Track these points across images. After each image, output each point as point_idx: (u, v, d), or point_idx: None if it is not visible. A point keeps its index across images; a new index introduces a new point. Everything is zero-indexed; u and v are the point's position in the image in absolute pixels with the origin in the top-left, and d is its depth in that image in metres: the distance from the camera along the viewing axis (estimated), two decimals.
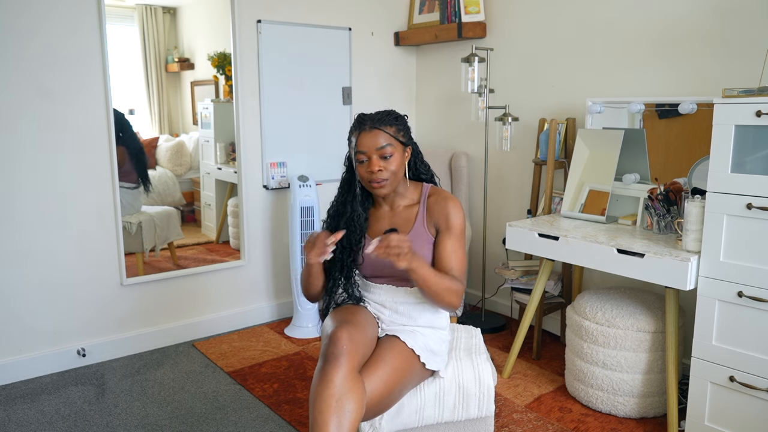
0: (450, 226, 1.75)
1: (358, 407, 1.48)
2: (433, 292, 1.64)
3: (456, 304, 1.70)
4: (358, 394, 1.49)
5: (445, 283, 1.66)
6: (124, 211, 2.89)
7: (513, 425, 2.29)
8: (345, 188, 1.85)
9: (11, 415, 2.38)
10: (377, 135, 1.71)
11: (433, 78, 3.75)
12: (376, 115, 1.75)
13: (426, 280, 1.62)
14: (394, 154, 1.73)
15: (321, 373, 1.51)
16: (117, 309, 2.89)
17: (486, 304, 3.50)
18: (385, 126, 1.72)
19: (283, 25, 3.22)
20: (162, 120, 3.38)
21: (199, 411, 2.40)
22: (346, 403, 1.46)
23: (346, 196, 1.84)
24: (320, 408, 1.46)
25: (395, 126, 1.75)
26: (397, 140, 1.74)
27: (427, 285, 1.63)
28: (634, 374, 2.28)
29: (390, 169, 1.72)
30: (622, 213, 2.58)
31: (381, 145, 1.70)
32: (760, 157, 1.88)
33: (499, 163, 3.40)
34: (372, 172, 1.71)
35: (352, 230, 1.79)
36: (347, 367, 1.50)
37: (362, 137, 1.72)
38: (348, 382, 1.48)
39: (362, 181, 1.76)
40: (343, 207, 1.83)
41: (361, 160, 1.73)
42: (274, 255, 3.37)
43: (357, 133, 1.74)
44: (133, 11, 3.15)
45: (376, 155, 1.70)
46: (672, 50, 2.59)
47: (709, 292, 2.01)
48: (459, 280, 1.71)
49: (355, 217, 1.80)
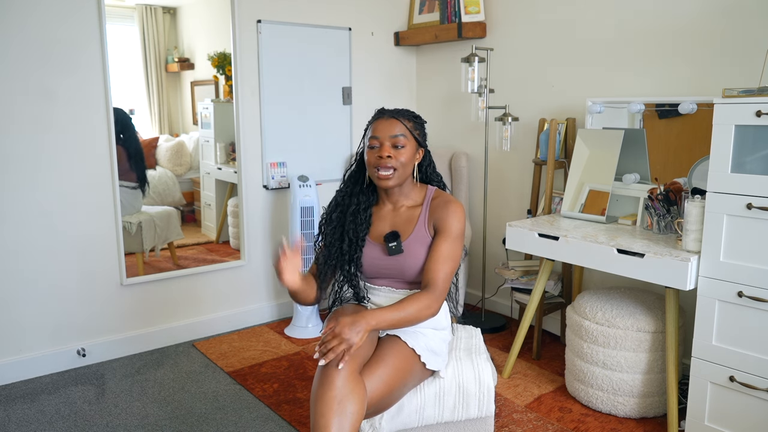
0: (448, 230, 1.74)
1: (359, 408, 1.47)
2: (406, 323, 1.63)
3: (434, 314, 1.68)
4: (359, 395, 1.48)
5: (411, 310, 1.62)
6: (124, 210, 2.89)
7: (513, 425, 2.29)
8: (352, 181, 1.85)
9: (11, 415, 2.38)
10: (393, 123, 1.73)
11: (433, 78, 3.75)
12: (398, 109, 1.79)
13: (392, 323, 1.60)
14: (406, 146, 1.73)
15: (322, 374, 1.51)
16: (117, 309, 2.89)
17: (486, 304, 3.50)
18: (403, 118, 1.75)
19: (283, 25, 3.22)
20: (162, 120, 3.38)
21: (199, 411, 2.40)
22: (348, 405, 1.45)
23: (353, 188, 1.83)
24: (321, 410, 1.45)
25: (413, 122, 1.78)
26: (412, 135, 1.76)
27: (397, 325, 1.62)
28: (634, 374, 2.28)
29: (399, 159, 1.72)
30: (622, 213, 2.58)
31: (395, 133, 1.72)
32: (760, 157, 1.88)
33: (499, 163, 3.40)
34: (381, 158, 1.71)
35: (358, 223, 1.78)
36: (348, 368, 1.50)
37: (378, 123, 1.74)
38: (349, 384, 1.48)
39: (369, 167, 1.76)
40: (348, 199, 1.82)
41: (372, 146, 1.73)
42: (274, 255, 3.37)
43: (374, 121, 1.76)
44: (133, 11, 3.15)
45: (389, 142, 1.72)
46: (672, 50, 2.59)
47: (709, 292, 2.01)
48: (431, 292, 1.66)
49: (360, 211, 1.79)
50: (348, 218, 1.79)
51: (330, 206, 1.86)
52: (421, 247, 1.75)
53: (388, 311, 1.60)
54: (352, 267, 1.78)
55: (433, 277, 1.69)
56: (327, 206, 1.89)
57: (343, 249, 1.78)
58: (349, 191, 1.83)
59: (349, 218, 1.79)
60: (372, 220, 1.82)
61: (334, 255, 1.79)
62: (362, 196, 1.82)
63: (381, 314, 1.58)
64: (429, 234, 1.77)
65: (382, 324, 1.59)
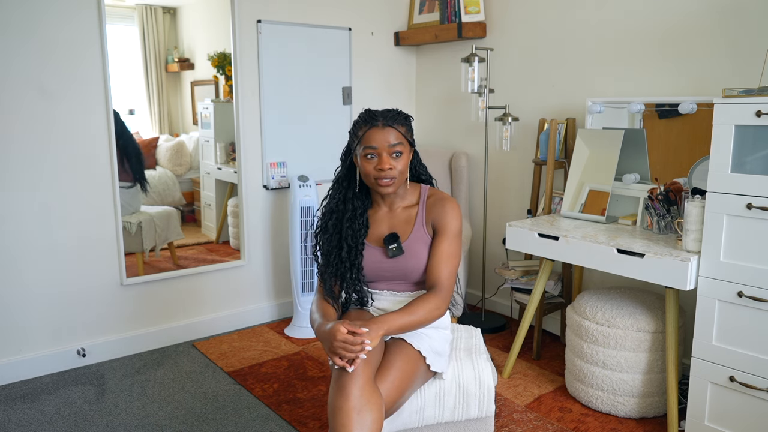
0: (447, 229, 1.74)
1: (377, 417, 1.46)
2: (417, 325, 1.64)
3: (443, 314, 1.70)
4: (376, 403, 1.47)
5: (421, 312, 1.63)
6: (123, 210, 2.89)
7: (513, 425, 2.29)
8: (344, 185, 1.80)
9: (11, 415, 2.38)
10: (389, 133, 1.69)
11: (433, 78, 3.75)
12: (387, 112, 1.72)
13: (404, 327, 1.61)
14: (403, 153, 1.71)
15: (337, 385, 1.49)
16: (117, 309, 2.89)
17: (486, 304, 3.50)
18: (397, 125, 1.71)
19: (283, 25, 3.22)
20: (162, 120, 3.37)
21: (199, 411, 2.40)
22: (366, 414, 1.44)
23: (345, 193, 1.79)
24: (342, 421, 1.43)
25: (405, 126, 1.74)
26: (406, 140, 1.73)
27: (408, 328, 1.63)
28: (634, 374, 2.28)
29: (398, 168, 1.70)
30: (622, 213, 2.58)
31: (393, 143, 1.68)
32: (760, 157, 1.88)
33: (499, 163, 3.40)
34: (382, 170, 1.67)
35: (356, 228, 1.76)
36: (363, 377, 1.48)
37: (374, 133, 1.68)
38: (366, 393, 1.47)
39: (367, 177, 1.72)
40: (342, 204, 1.78)
41: (368, 155, 1.69)
42: (274, 255, 3.37)
43: (366, 128, 1.70)
44: (133, 11, 3.14)
45: (387, 153, 1.68)
46: (672, 50, 2.59)
47: (709, 292, 2.01)
48: (437, 292, 1.67)
49: (357, 216, 1.76)
50: (345, 224, 1.76)
51: (324, 215, 1.82)
52: (421, 246, 1.75)
53: (399, 315, 1.60)
54: (354, 272, 1.75)
55: (438, 277, 1.69)
56: (320, 215, 1.84)
57: (342, 256, 1.75)
58: (342, 197, 1.79)
59: (345, 224, 1.76)
60: (369, 224, 1.80)
61: (333, 263, 1.77)
62: (356, 200, 1.78)
63: (392, 319, 1.59)
64: (428, 233, 1.77)
65: (393, 328, 1.59)
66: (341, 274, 1.76)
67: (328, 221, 1.80)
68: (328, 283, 1.78)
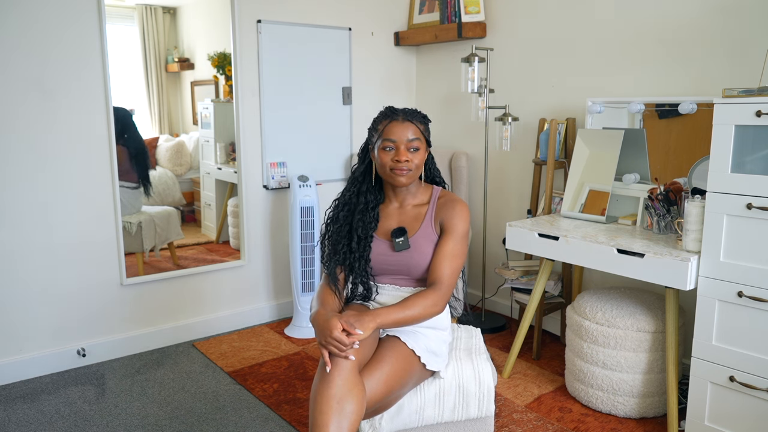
0: (454, 229, 1.76)
1: (358, 408, 1.48)
2: (412, 320, 1.65)
3: (440, 312, 1.71)
4: (358, 395, 1.49)
5: (418, 307, 1.65)
6: (124, 210, 2.89)
7: (513, 425, 2.29)
8: (359, 179, 1.85)
9: (11, 415, 2.38)
10: (408, 127, 1.75)
11: (433, 78, 3.75)
12: (408, 110, 1.79)
13: (399, 321, 1.63)
14: (420, 149, 1.76)
15: (321, 373, 1.52)
16: (117, 309, 2.89)
17: (486, 304, 3.50)
18: (416, 121, 1.78)
19: (283, 25, 3.22)
20: (162, 120, 3.38)
21: (199, 411, 2.41)
22: (346, 404, 1.46)
23: (360, 187, 1.84)
24: (321, 408, 1.46)
25: (424, 124, 1.81)
26: (423, 136, 1.79)
27: (403, 322, 1.64)
28: (634, 374, 2.28)
29: (415, 162, 1.75)
30: (622, 213, 2.58)
31: (411, 138, 1.74)
32: (760, 157, 1.88)
33: (499, 163, 3.40)
34: (399, 161, 1.73)
35: (366, 221, 1.79)
36: (348, 367, 1.51)
37: (394, 126, 1.75)
38: (348, 383, 1.49)
39: (382, 168, 1.76)
40: (356, 198, 1.83)
41: (387, 148, 1.74)
42: (274, 255, 3.37)
43: (387, 122, 1.76)
44: (133, 11, 3.15)
45: (405, 146, 1.73)
46: (672, 50, 2.59)
47: (709, 292, 2.01)
48: (437, 289, 1.69)
49: (369, 209, 1.81)
50: (356, 216, 1.80)
51: (336, 206, 1.87)
52: (427, 243, 1.77)
53: (394, 309, 1.62)
54: (362, 263, 1.79)
55: (439, 274, 1.71)
56: (332, 206, 1.88)
57: (352, 247, 1.79)
58: (356, 190, 1.84)
59: (357, 216, 1.80)
60: (379, 218, 1.84)
61: (341, 251, 1.80)
62: (369, 194, 1.83)
63: (387, 312, 1.61)
64: (435, 232, 1.79)
65: (388, 321, 1.60)
66: (349, 265, 1.79)
67: (340, 212, 1.84)
68: (332, 269, 1.81)
